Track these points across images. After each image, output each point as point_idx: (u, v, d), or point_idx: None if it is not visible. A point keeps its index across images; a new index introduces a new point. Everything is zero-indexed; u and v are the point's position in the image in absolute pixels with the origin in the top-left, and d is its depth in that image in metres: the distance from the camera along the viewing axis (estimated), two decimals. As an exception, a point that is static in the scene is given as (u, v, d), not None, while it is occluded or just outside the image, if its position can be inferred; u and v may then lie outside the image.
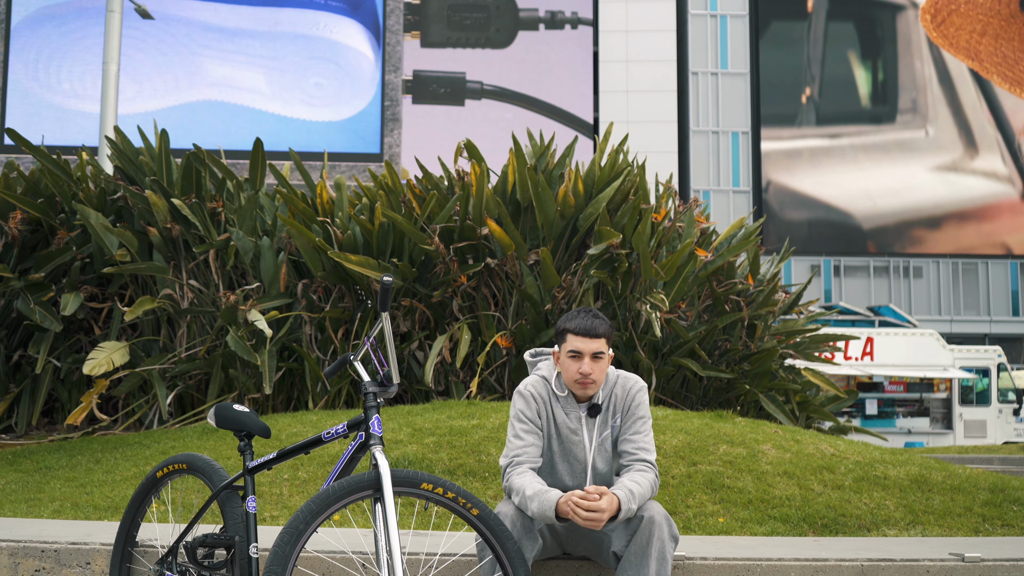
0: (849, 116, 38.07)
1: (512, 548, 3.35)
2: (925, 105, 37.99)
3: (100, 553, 3.97)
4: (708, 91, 37.92)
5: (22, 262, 8.45)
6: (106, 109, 12.85)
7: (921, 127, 37.95)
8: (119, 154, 8.70)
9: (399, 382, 3.45)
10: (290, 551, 3.07)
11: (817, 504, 5.29)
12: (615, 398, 3.79)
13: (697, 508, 5.25)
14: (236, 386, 8.03)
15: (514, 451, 3.70)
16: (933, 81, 38.08)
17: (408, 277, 8.10)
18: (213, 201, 8.49)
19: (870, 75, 38.32)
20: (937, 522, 5.23)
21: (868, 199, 37.43)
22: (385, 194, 8.54)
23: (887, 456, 6.30)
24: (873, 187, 37.39)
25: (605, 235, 7.94)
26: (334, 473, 3.49)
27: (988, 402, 25.02)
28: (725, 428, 6.44)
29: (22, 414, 8.31)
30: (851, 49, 38.55)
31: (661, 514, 3.57)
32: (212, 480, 3.69)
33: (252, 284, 8.22)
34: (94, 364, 7.66)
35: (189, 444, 6.63)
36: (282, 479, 5.61)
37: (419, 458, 5.74)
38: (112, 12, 13.25)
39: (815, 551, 4.19)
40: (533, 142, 9.14)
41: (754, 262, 9.17)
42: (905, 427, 24.76)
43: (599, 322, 3.70)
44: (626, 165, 8.66)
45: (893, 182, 37.47)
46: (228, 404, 3.74)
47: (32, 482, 6.09)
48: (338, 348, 8.14)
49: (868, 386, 25.29)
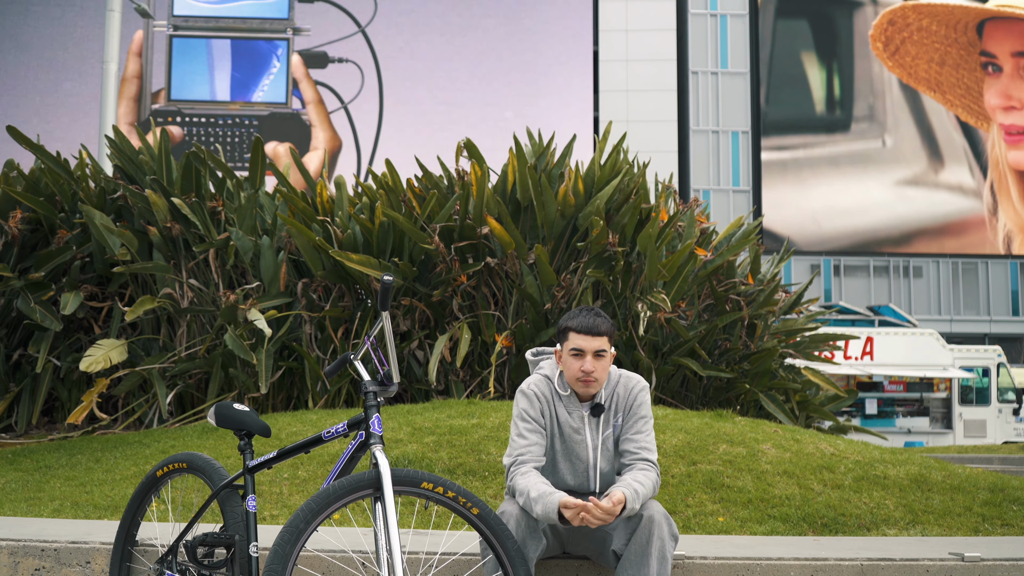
0: (799, 125, 36.26)
1: (512, 548, 3.34)
2: (884, 112, 36.22)
3: (100, 552, 3.97)
4: (708, 90, 37.91)
5: (22, 261, 8.45)
6: (106, 108, 12.85)
7: (879, 137, 36.11)
8: (119, 153, 8.70)
9: (399, 381, 3.44)
10: (290, 550, 3.07)
11: (817, 503, 5.29)
12: (617, 397, 3.79)
13: (697, 507, 5.25)
14: (236, 385, 8.03)
15: (518, 450, 3.70)
16: (894, 85, 36.42)
17: (408, 276, 8.10)
18: (213, 200, 8.49)
19: (825, 78, 36.62)
20: (937, 522, 5.23)
21: (812, 222, 35.45)
22: (385, 193, 8.54)
23: (887, 456, 6.30)
24: (818, 207, 35.20)
25: (594, 226, 7.93)
26: (334, 472, 3.49)
27: (988, 402, 25.02)
28: (725, 427, 6.44)
29: (22, 413, 8.31)
30: (805, 50, 37.24)
31: (661, 513, 3.57)
32: (212, 479, 3.69)
33: (252, 283, 8.23)
34: (91, 361, 7.66)
35: (189, 443, 6.63)
36: (282, 478, 5.61)
37: (419, 457, 5.74)
38: (112, 11, 13.25)
39: (815, 550, 4.19)
40: (533, 141, 9.14)
41: (755, 261, 9.18)
42: (905, 427, 24.76)
43: (601, 320, 3.70)
44: (626, 164, 8.66)
45: (845, 200, 35.36)
46: (228, 403, 3.74)
47: (32, 481, 6.09)
48: (338, 347, 8.14)
49: (868, 386, 25.30)
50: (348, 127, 36.86)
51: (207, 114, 36.30)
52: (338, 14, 37.28)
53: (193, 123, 36.11)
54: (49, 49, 36.49)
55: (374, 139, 36.82)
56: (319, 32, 37.27)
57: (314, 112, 36.79)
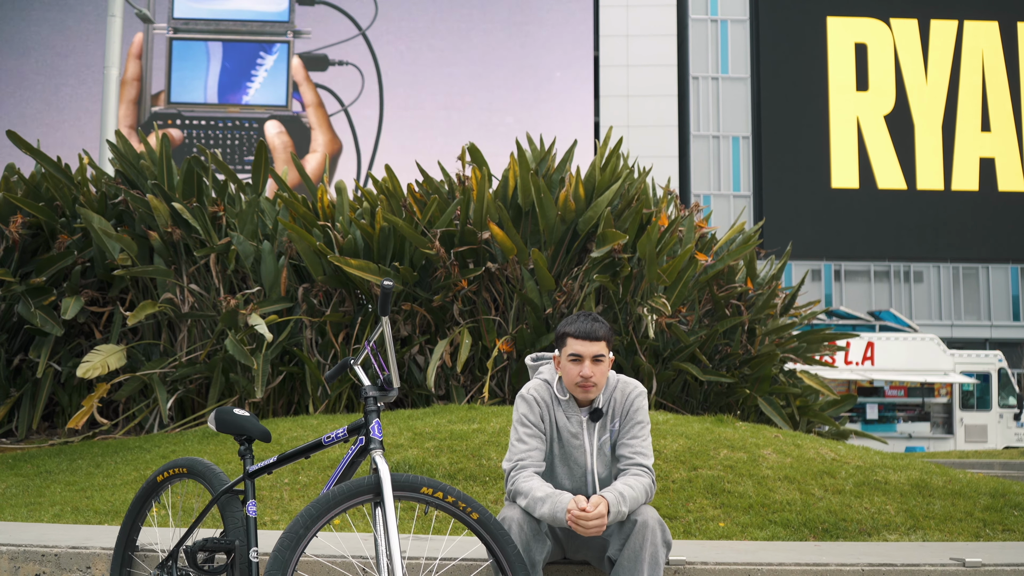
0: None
1: (512, 553, 3.34)
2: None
3: (100, 557, 3.97)
4: (708, 96, 37.94)
5: (23, 266, 8.45)
6: (107, 112, 12.86)
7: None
8: (120, 158, 8.70)
9: (399, 386, 3.44)
10: (290, 555, 3.07)
11: (818, 509, 5.29)
12: (614, 402, 3.79)
13: (698, 512, 5.24)
14: (236, 390, 8.03)
15: (518, 455, 3.70)
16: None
17: (409, 281, 8.10)
18: (214, 205, 8.49)
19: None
20: (938, 527, 5.23)
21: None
22: (386, 198, 8.54)
23: (888, 461, 6.30)
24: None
25: (610, 237, 7.93)
26: (334, 477, 3.49)
27: (989, 407, 25.00)
28: (726, 432, 6.44)
29: (23, 418, 8.31)
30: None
31: (655, 519, 3.57)
32: (212, 484, 3.68)
33: (253, 288, 8.23)
34: (89, 367, 7.66)
35: (189, 448, 6.63)
36: (282, 483, 5.61)
37: (419, 462, 5.74)
38: (112, 17, 13.27)
39: (816, 556, 4.18)
40: (533, 146, 9.15)
41: (750, 265, 9.17)
42: (906, 432, 24.74)
43: (598, 325, 3.70)
44: (626, 169, 8.66)
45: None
46: (228, 408, 3.73)
47: (32, 486, 6.09)
48: (338, 352, 8.14)
49: (869, 390, 25.28)
50: (348, 130, 36.90)
51: (207, 116, 36.34)
52: (339, 17, 37.33)
53: (192, 125, 36.16)
54: (49, 54, 36.53)
55: (374, 142, 36.85)
56: (319, 35, 37.32)
57: (314, 115, 36.82)
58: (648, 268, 8.03)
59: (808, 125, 37.42)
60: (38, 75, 36.36)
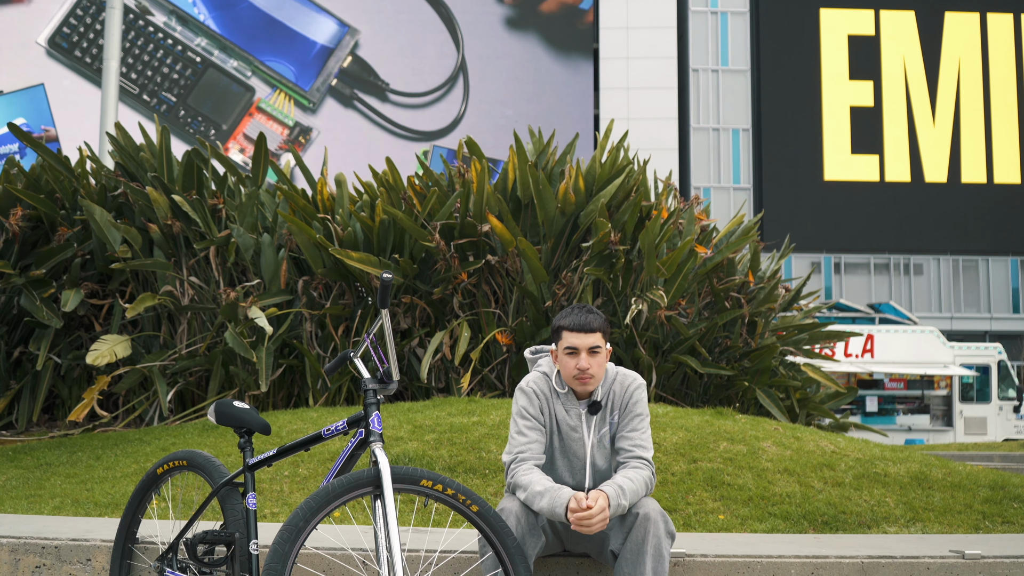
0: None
1: (512, 545, 3.34)
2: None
3: (101, 549, 3.97)
4: (708, 88, 37.89)
5: (23, 258, 8.45)
6: (107, 104, 12.84)
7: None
8: (120, 150, 8.69)
9: (399, 379, 3.44)
10: (290, 548, 3.07)
11: (817, 501, 5.29)
12: (613, 395, 3.79)
13: (697, 505, 5.25)
14: (236, 383, 8.03)
15: (518, 447, 3.70)
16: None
17: (408, 274, 8.09)
18: (214, 197, 8.49)
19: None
20: (937, 519, 5.23)
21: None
22: (386, 191, 8.53)
23: (887, 453, 6.30)
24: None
25: (599, 226, 7.93)
26: (334, 470, 3.49)
27: (988, 399, 25.02)
28: (725, 425, 6.44)
29: (23, 410, 8.31)
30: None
31: (656, 511, 3.57)
32: (212, 477, 3.69)
33: (252, 281, 8.22)
34: (97, 355, 7.67)
35: (189, 441, 6.63)
36: (282, 476, 5.61)
37: (419, 455, 5.74)
38: (112, 8, 13.24)
39: (815, 548, 4.19)
40: (534, 139, 9.14)
41: (754, 258, 9.17)
42: (905, 424, 24.77)
43: (593, 317, 3.70)
44: (627, 162, 8.65)
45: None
46: (228, 401, 3.74)
47: (33, 479, 6.09)
48: (338, 345, 8.14)
49: (868, 383, 25.30)
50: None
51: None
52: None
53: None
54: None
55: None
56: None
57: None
58: (647, 260, 8.03)
59: (808, 118, 37.37)
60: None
